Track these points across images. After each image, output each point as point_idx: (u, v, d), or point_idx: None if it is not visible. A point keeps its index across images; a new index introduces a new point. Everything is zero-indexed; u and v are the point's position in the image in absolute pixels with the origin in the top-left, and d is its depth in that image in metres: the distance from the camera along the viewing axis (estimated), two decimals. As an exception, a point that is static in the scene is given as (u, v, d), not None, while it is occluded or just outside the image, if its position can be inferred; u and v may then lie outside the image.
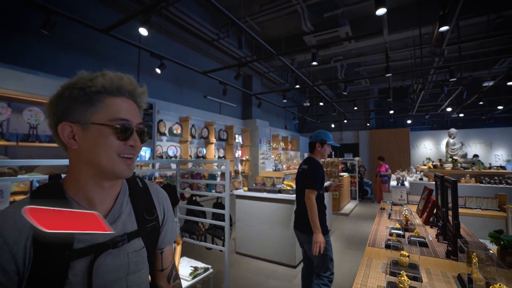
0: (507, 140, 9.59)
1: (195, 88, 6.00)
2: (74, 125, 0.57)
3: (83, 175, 0.59)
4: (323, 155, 2.36)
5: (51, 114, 0.58)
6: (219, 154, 6.36)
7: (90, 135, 0.57)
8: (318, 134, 2.38)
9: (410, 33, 5.66)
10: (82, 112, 0.57)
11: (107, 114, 0.58)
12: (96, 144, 0.57)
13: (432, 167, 4.81)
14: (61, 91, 0.58)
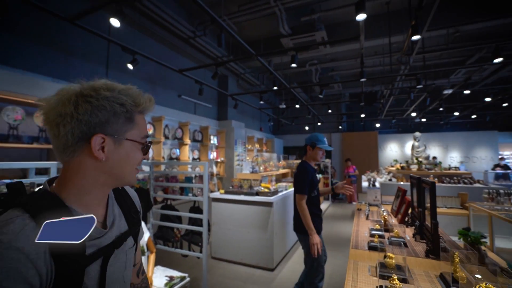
0: (460, 143, 10.51)
1: (169, 87, 5.77)
2: (107, 137, 0.58)
3: (93, 183, 0.59)
4: (315, 158, 2.37)
5: (79, 122, 0.55)
6: (193, 156, 6.17)
7: (122, 149, 0.60)
8: (311, 137, 2.41)
9: (380, 41, 5.95)
10: (120, 127, 0.59)
11: (138, 131, 0.63)
12: (126, 157, 0.61)
13: (400, 168, 5.08)
14: (98, 102, 0.56)
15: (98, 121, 0.56)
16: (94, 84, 0.59)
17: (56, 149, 0.57)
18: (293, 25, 5.66)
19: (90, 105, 0.55)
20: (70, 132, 0.54)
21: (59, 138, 0.55)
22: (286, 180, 5.44)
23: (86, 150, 0.56)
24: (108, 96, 0.57)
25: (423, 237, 1.64)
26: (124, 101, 0.59)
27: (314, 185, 2.30)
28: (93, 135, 0.56)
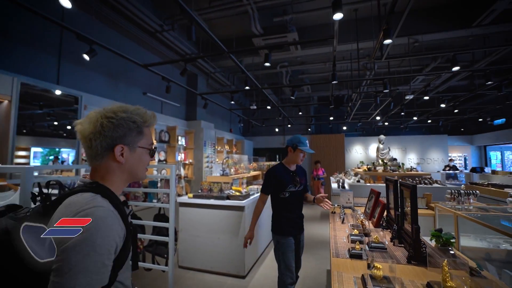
0: (417, 146, 11.34)
1: (134, 84, 5.34)
2: (125, 146, 0.80)
3: (121, 179, 0.83)
4: (295, 160, 2.34)
5: (105, 137, 0.76)
6: (159, 157, 5.79)
7: (136, 154, 0.83)
8: (293, 138, 2.37)
9: (348, 46, 6.13)
10: (133, 139, 0.82)
11: (146, 140, 0.86)
12: (139, 160, 0.84)
13: (367, 169, 5.25)
14: (117, 122, 0.77)
15: (118, 135, 0.77)
16: (113, 107, 0.79)
17: (89, 156, 0.79)
18: (265, 25, 5.59)
19: (112, 124, 0.76)
20: (99, 144, 0.76)
21: (92, 148, 0.76)
22: (257, 183, 5.33)
23: (111, 156, 0.78)
24: (124, 116, 0.78)
25: (401, 241, 1.61)
26: (135, 119, 0.81)
27: (282, 187, 2.27)
28: (115, 145, 0.78)
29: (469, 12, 5.15)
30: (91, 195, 0.70)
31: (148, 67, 3.89)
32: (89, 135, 0.76)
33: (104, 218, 0.67)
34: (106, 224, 0.66)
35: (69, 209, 0.66)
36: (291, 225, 2.32)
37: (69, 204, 0.68)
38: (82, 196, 0.69)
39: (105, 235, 0.65)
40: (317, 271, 3.64)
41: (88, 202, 0.68)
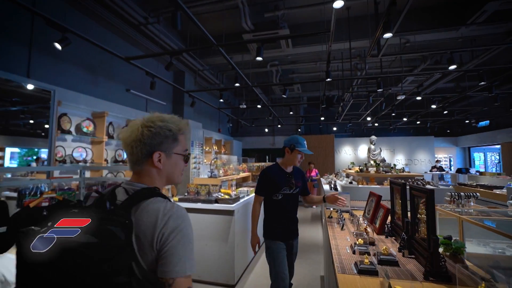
0: (405, 147, 11.46)
1: (116, 79, 5.01)
2: (162, 153, 0.88)
3: (161, 183, 0.91)
4: (293, 161, 2.19)
5: (145, 145, 0.84)
6: (144, 158, 5.47)
7: (172, 160, 0.91)
8: (290, 139, 2.23)
9: (340, 45, 6.02)
10: (169, 146, 0.89)
11: (181, 147, 0.94)
12: (175, 165, 0.92)
13: (359, 170, 5.14)
14: (155, 130, 0.85)
15: (156, 142, 0.86)
16: (151, 117, 0.89)
17: (130, 162, 0.88)
18: (256, 21, 5.39)
19: (151, 132, 0.85)
20: (140, 151, 0.85)
21: (133, 154, 0.86)
22: (247, 185, 5.11)
23: (150, 162, 0.87)
24: (161, 125, 0.87)
25: (412, 252, 1.44)
26: (171, 128, 0.89)
27: (275, 188, 2.15)
28: (154, 152, 0.86)
29: (461, 12, 5.15)
30: (164, 199, 0.81)
31: (130, 60, 3.60)
32: (131, 143, 0.84)
33: (186, 212, 0.81)
34: (189, 217, 0.81)
35: (159, 213, 0.76)
36: (284, 229, 2.17)
37: (154, 209, 0.77)
38: (159, 201, 0.79)
39: (191, 227, 0.80)
40: (310, 278, 3.47)
41: (168, 205, 0.79)
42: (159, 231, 0.73)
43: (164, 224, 0.74)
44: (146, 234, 0.74)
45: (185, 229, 0.77)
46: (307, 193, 2.41)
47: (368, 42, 5.96)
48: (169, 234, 0.73)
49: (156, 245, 0.73)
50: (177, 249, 0.73)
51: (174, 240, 0.73)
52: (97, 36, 4.39)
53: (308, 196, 2.43)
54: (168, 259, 0.72)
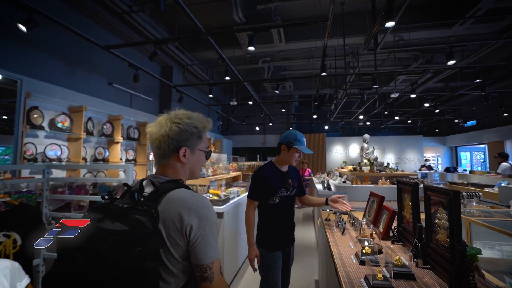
0: (395, 146, 11.51)
1: (96, 72, 4.68)
2: (188, 149, 0.93)
3: (184, 177, 0.96)
4: (289, 160, 1.98)
5: (172, 140, 0.89)
6: (127, 157, 5.16)
7: (195, 156, 0.97)
8: (288, 135, 2.00)
9: (333, 42, 5.87)
10: (194, 142, 0.95)
11: (204, 144, 1.00)
12: (198, 161, 0.98)
13: (352, 169, 5.01)
14: (183, 127, 0.91)
15: (183, 139, 0.91)
16: (178, 114, 0.94)
17: (157, 156, 0.92)
18: (248, 14, 5.17)
19: (179, 128, 0.90)
20: (167, 146, 0.89)
21: (160, 149, 0.90)
22: (237, 185, 4.89)
23: (175, 156, 0.92)
24: (188, 122, 0.92)
25: (427, 262, 1.26)
26: (197, 125, 0.94)
27: (272, 191, 1.91)
28: (180, 147, 0.91)
29: (455, 9, 5.09)
30: (189, 190, 0.86)
31: (111, 49, 3.30)
32: (158, 137, 0.89)
33: (209, 201, 0.86)
34: (212, 205, 0.86)
35: (185, 203, 0.81)
36: (281, 236, 1.96)
37: (181, 199, 0.81)
38: (185, 192, 0.84)
39: (215, 214, 0.86)
40: (304, 282, 3.28)
41: (194, 195, 0.84)
42: (187, 220, 0.78)
43: (192, 213, 0.79)
44: (175, 223, 0.78)
45: (212, 218, 0.83)
46: (304, 193, 2.22)
47: (362, 38, 5.85)
48: (199, 224, 0.79)
49: (186, 233, 0.78)
50: (209, 238, 0.80)
51: (205, 230, 0.79)
52: (76, 23, 4.05)
53: (305, 197, 2.24)
54: (202, 247, 0.78)
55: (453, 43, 6.11)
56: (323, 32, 3.45)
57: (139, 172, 5.44)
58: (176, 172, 0.93)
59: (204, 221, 0.80)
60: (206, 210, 0.82)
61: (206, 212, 0.81)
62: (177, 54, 6.21)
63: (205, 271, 0.78)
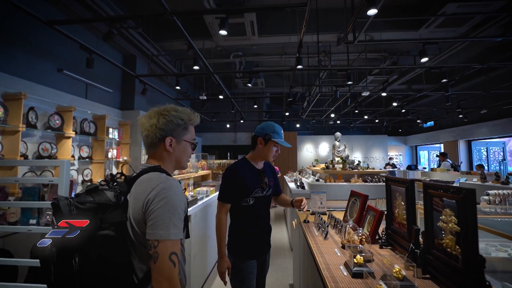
0: (361, 145, 11.92)
1: (41, 55, 4.03)
2: (174, 139, 1.00)
3: (171, 166, 1.03)
4: (266, 156, 1.74)
5: (159, 129, 0.97)
6: (81, 154, 4.56)
7: (181, 146, 1.04)
8: (265, 126, 1.75)
9: (307, 38, 5.78)
10: (180, 133, 1.02)
11: (190, 135, 1.06)
12: (183, 151, 1.05)
13: (325, 167, 4.95)
14: (169, 118, 0.98)
15: (169, 129, 0.99)
16: (167, 107, 1.01)
17: (146, 145, 1.01)
18: (219, 1, 4.84)
19: (165, 119, 0.98)
20: (154, 135, 0.97)
21: (149, 138, 0.98)
22: (207, 184, 4.56)
23: (162, 146, 0.99)
24: (175, 114, 1.00)
25: (427, 271, 1.10)
26: (183, 117, 1.02)
27: (246, 192, 1.68)
28: (166, 137, 0.98)
29: (422, 12, 5.29)
30: (160, 173, 0.92)
31: (55, 25, 2.78)
32: (148, 127, 0.97)
33: (177, 186, 0.89)
34: (179, 191, 0.88)
35: (151, 182, 0.86)
36: (256, 243, 1.72)
37: (148, 179, 0.88)
38: (155, 174, 0.90)
39: (180, 199, 0.86)
40: (278, 287, 3.09)
41: (162, 176, 0.89)
42: (147, 195, 0.83)
43: (151, 189, 0.84)
44: (138, 199, 0.84)
45: (171, 197, 0.83)
46: (279, 191, 2.01)
47: (335, 36, 5.84)
48: (154, 198, 0.82)
49: (143, 208, 0.82)
50: (162, 214, 0.80)
51: (159, 204, 0.81)
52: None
53: (280, 196, 2.04)
54: (154, 222, 0.80)
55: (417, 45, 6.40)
56: (299, 25, 3.30)
57: (95, 171, 4.85)
58: (162, 160, 1.00)
59: (161, 198, 0.82)
60: (167, 189, 0.84)
61: (167, 191, 0.83)
62: (141, 42, 5.67)
63: (150, 247, 0.78)
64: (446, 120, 10.20)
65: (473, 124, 8.49)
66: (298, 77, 8.79)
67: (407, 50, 7.18)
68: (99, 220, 0.78)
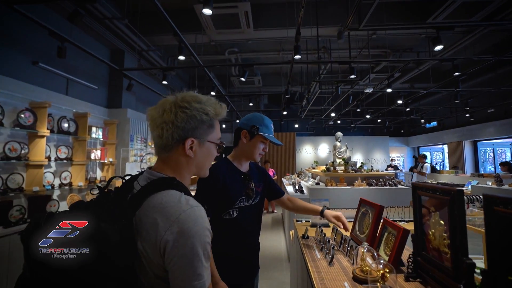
0: (362, 146, 11.55)
1: (13, 45, 3.65)
2: (196, 140, 0.76)
3: (189, 174, 0.80)
4: (251, 154, 1.39)
5: (178, 128, 0.73)
6: (59, 155, 4.16)
7: (205, 149, 0.80)
8: (251, 117, 1.40)
9: (306, 32, 5.41)
10: (204, 132, 0.78)
11: (216, 134, 0.82)
12: (207, 155, 0.81)
13: (325, 170, 4.57)
14: (191, 113, 0.73)
15: (190, 127, 0.74)
16: (186, 96, 0.76)
17: (158, 146, 0.76)
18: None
19: (186, 115, 0.73)
20: (171, 135, 0.73)
21: (162, 138, 0.73)
22: (197, 187, 4.16)
23: (180, 148, 0.75)
24: (198, 107, 0.75)
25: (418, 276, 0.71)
26: (208, 111, 0.77)
27: (228, 201, 1.31)
28: (186, 138, 0.74)
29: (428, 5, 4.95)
30: (179, 193, 0.69)
31: (13, 5, 2.39)
32: (161, 124, 0.73)
33: (201, 215, 0.66)
34: (204, 220, 0.65)
35: (168, 212, 0.64)
36: (240, 267, 1.34)
37: (162, 204, 0.65)
38: (172, 196, 0.67)
39: (206, 233, 0.65)
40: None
41: (182, 200, 0.66)
42: (163, 233, 0.61)
43: (169, 225, 0.62)
44: (150, 234, 0.63)
45: (198, 235, 0.62)
46: (281, 193, 1.63)
47: (335, 29, 5.48)
48: (177, 240, 0.61)
49: (159, 248, 0.62)
50: (191, 261, 0.61)
51: (184, 249, 0.61)
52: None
53: (289, 198, 1.66)
54: (179, 273, 0.61)
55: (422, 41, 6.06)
56: (297, 17, 2.94)
57: (75, 173, 4.45)
58: (178, 167, 0.77)
59: (185, 237, 0.61)
60: (191, 223, 0.63)
61: (192, 225, 0.62)
62: (129, 35, 5.30)
63: None
64: (450, 120, 9.85)
65: (480, 124, 8.13)
66: (296, 76, 8.43)
67: (410, 46, 6.84)
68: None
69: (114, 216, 0.62)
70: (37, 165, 3.65)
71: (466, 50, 6.18)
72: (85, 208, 0.64)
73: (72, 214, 0.62)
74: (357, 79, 4.35)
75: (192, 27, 5.52)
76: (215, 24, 5.13)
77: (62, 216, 0.62)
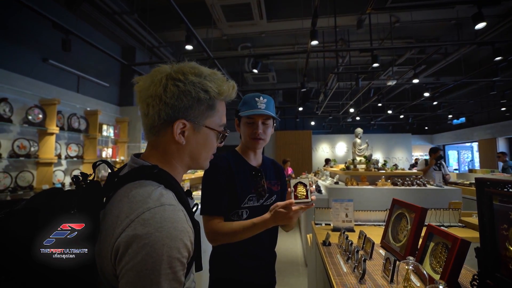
0: (382, 144, 10.97)
1: (23, 42, 3.61)
2: (188, 122, 0.59)
3: (182, 164, 0.64)
4: (246, 142, 1.17)
5: (165, 105, 0.57)
6: (69, 153, 4.10)
7: (200, 136, 0.62)
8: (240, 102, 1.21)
9: (325, 22, 5.08)
10: (201, 114, 0.61)
11: (217, 119, 0.65)
12: (203, 144, 0.64)
13: (345, 168, 4.24)
14: (184, 87, 0.57)
15: (183, 106, 0.58)
16: (183, 67, 0.60)
17: (144, 126, 0.62)
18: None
19: (178, 89, 0.57)
20: (157, 113, 0.57)
21: (148, 117, 0.59)
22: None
23: (168, 132, 0.59)
24: (195, 81, 0.58)
25: None
26: (208, 88, 0.60)
27: (235, 200, 1.08)
28: (176, 120, 0.58)
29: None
30: (155, 186, 0.54)
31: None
32: (147, 99, 0.58)
33: (173, 217, 0.49)
34: (175, 225, 0.48)
35: (130, 206, 0.50)
36: (253, 279, 1.09)
37: (129, 197, 0.51)
38: (144, 187, 0.53)
39: (175, 244, 0.47)
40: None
41: (152, 195, 0.51)
42: (117, 235, 0.47)
43: (127, 225, 0.47)
44: (107, 234, 0.50)
45: (156, 246, 0.45)
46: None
47: (354, 18, 5.11)
48: (128, 247, 0.45)
49: (112, 256, 0.48)
50: (145, 277, 0.43)
51: (133, 261, 0.44)
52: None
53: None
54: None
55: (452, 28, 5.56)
56: (305, 12, 2.69)
57: (87, 171, 4.35)
58: (167, 155, 0.61)
59: (140, 244, 0.44)
60: (154, 226, 0.46)
61: (153, 229, 0.46)
62: (139, 31, 5.23)
63: None
64: (480, 116, 9.11)
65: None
66: (312, 72, 8.08)
67: (437, 36, 6.32)
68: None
69: (66, 210, 0.49)
70: (47, 163, 3.59)
71: (508, 33, 5.56)
72: (46, 197, 0.53)
73: (25, 204, 0.51)
74: (379, 70, 3.98)
75: (203, 21, 5.35)
76: (226, 16, 4.93)
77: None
